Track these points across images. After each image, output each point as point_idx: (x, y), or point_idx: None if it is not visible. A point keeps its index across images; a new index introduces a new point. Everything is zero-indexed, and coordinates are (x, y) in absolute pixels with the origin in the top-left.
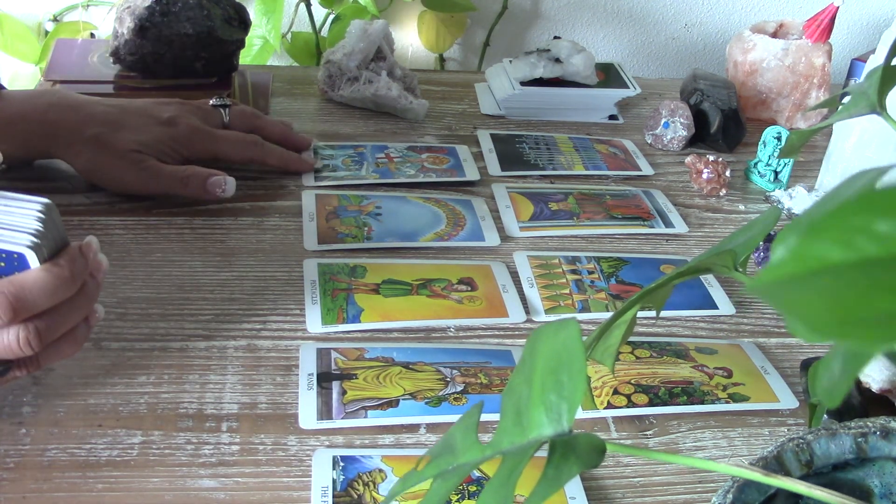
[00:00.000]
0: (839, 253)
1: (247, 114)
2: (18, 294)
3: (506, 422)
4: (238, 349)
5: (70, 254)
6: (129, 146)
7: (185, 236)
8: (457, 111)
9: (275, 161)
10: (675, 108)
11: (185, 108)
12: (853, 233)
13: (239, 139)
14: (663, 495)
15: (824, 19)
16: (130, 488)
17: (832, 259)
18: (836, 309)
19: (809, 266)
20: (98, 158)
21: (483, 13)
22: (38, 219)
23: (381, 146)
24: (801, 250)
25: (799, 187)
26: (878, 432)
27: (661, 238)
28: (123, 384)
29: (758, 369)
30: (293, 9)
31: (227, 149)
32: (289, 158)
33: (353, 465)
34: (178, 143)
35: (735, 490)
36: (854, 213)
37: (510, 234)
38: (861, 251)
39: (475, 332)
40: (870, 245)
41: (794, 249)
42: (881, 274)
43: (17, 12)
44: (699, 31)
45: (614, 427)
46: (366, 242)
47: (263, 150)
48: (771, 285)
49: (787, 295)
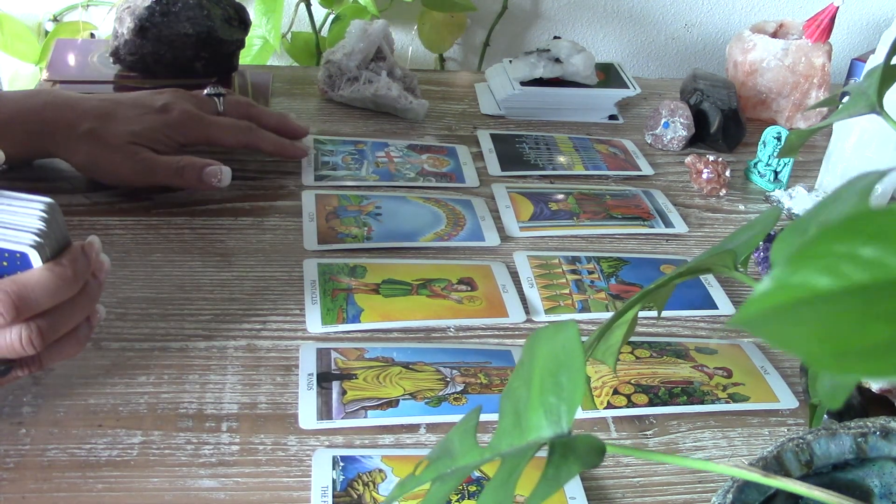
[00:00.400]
0: (826, 281)
1: (241, 103)
2: (21, 293)
3: (505, 424)
4: (238, 349)
5: (72, 253)
6: (124, 138)
7: (185, 236)
8: (457, 111)
9: (269, 147)
10: (675, 108)
11: (179, 95)
12: (839, 260)
13: (232, 124)
14: (663, 495)
15: (824, 19)
16: (130, 488)
17: (819, 287)
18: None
19: (796, 295)
20: (94, 153)
21: (483, 13)
22: (40, 218)
23: (381, 143)
24: (786, 279)
25: (799, 187)
26: (878, 432)
27: (661, 238)
28: (123, 384)
29: (758, 369)
30: (293, 9)
31: (220, 134)
32: (283, 144)
33: (353, 465)
34: (172, 130)
35: (735, 490)
36: (837, 239)
37: (510, 234)
38: (848, 278)
39: (475, 332)
40: (857, 272)
41: (779, 279)
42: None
43: (17, 12)
44: (699, 31)
45: (614, 427)
46: (366, 242)
47: (257, 136)
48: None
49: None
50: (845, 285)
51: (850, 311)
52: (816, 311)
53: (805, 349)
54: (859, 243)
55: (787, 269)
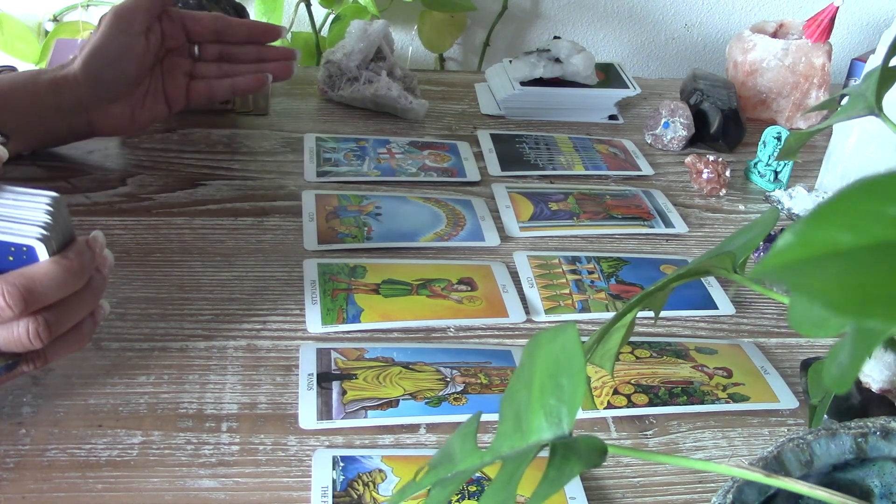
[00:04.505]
0: (849, 237)
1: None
2: (29, 286)
3: (505, 426)
4: (238, 349)
5: (78, 247)
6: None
7: (185, 236)
8: (457, 111)
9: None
10: (675, 108)
11: None
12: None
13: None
14: (663, 495)
15: (824, 19)
16: (130, 488)
17: (842, 243)
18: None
19: (818, 250)
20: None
21: (483, 13)
22: (46, 212)
23: (383, 140)
24: (808, 235)
25: (799, 187)
26: (878, 432)
27: (661, 238)
28: (123, 384)
29: (758, 369)
30: (293, 9)
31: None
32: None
33: (353, 465)
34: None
35: (735, 490)
36: (862, 198)
37: (510, 234)
38: (873, 235)
39: (475, 332)
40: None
41: (802, 233)
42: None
43: (17, 12)
44: (699, 31)
45: (614, 427)
46: (366, 242)
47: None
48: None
49: (799, 277)
50: (869, 242)
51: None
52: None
53: (828, 298)
54: (886, 202)
55: (809, 225)
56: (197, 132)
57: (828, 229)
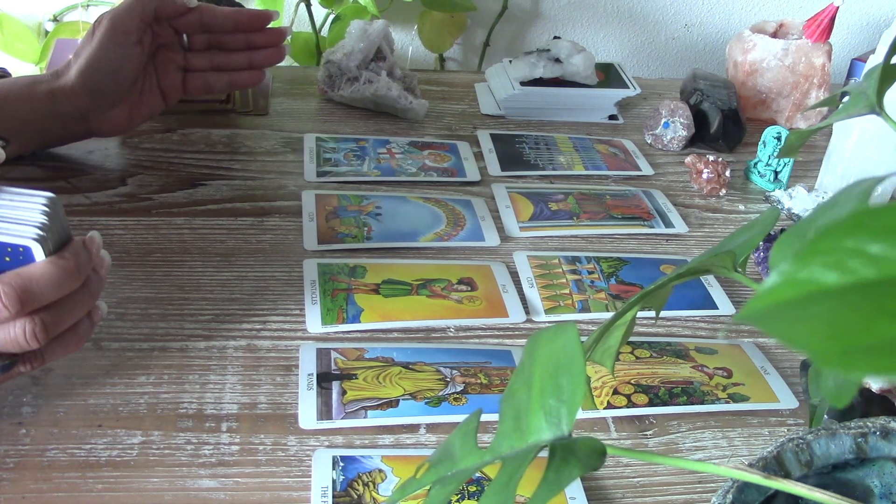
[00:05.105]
0: (833, 276)
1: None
2: (26, 286)
3: (505, 426)
4: (238, 349)
5: (74, 247)
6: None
7: (185, 236)
8: (457, 111)
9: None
10: (675, 108)
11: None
12: (846, 256)
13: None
14: (663, 495)
15: (824, 19)
16: (130, 488)
17: (826, 283)
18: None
19: (803, 291)
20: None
21: (483, 13)
22: (43, 212)
23: (383, 140)
24: (793, 275)
25: (799, 187)
26: (878, 432)
27: (660, 238)
28: (123, 384)
29: (758, 369)
30: (293, 9)
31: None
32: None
33: (353, 465)
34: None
35: (735, 490)
36: (845, 235)
37: (510, 234)
38: (856, 274)
39: (475, 332)
40: (864, 268)
41: (787, 274)
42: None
43: (17, 12)
44: (699, 31)
45: (614, 427)
46: (366, 242)
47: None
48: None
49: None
50: (853, 281)
51: (858, 308)
52: (823, 308)
53: (811, 346)
54: (867, 239)
55: (794, 265)
56: (197, 132)
57: (812, 269)
